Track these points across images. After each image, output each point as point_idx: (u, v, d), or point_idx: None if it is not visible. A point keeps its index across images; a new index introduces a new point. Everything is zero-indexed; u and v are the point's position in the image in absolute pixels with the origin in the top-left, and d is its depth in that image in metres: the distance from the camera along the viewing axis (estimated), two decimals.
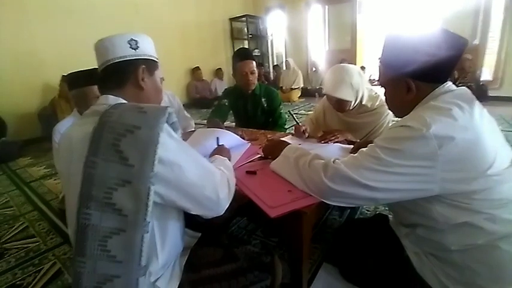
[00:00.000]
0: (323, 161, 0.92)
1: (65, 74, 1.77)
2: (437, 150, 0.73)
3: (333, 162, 0.88)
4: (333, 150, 1.38)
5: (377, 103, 1.63)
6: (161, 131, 0.68)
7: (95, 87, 1.66)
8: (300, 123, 1.66)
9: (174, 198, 0.73)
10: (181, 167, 0.72)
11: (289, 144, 1.17)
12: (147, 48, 0.89)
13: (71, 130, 0.80)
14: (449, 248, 0.81)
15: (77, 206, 0.66)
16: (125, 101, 0.82)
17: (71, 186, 0.72)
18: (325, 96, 1.84)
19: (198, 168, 0.78)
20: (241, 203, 0.99)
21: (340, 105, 1.59)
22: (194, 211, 0.78)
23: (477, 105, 0.81)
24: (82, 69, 1.73)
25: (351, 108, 1.60)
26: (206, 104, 6.36)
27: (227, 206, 0.84)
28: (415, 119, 0.79)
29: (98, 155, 0.66)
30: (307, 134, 1.62)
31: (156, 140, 0.66)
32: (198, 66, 6.90)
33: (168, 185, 0.71)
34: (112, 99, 0.80)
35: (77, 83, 1.71)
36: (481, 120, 0.79)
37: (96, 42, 0.84)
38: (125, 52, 0.83)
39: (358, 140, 1.55)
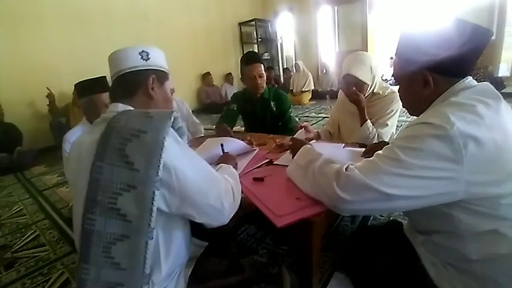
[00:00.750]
0: (335, 166, 0.85)
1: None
2: (462, 150, 0.67)
3: (346, 168, 0.81)
4: (343, 154, 1.33)
5: (388, 90, 1.70)
6: (167, 135, 0.68)
7: (103, 95, 1.68)
8: (298, 123, 1.72)
9: (177, 205, 0.72)
10: (185, 174, 0.71)
11: (306, 145, 1.11)
12: (158, 59, 0.92)
13: (81, 139, 0.82)
14: (469, 258, 0.75)
15: (82, 211, 0.67)
16: (133, 109, 0.82)
17: (78, 193, 0.72)
18: (337, 100, 1.89)
19: (203, 175, 0.77)
20: (248, 211, 0.97)
21: (358, 88, 1.61)
22: (198, 219, 0.77)
23: (503, 101, 0.75)
24: (91, 78, 1.75)
25: (365, 95, 1.64)
26: (216, 109, 6.34)
27: (232, 215, 0.82)
28: (436, 116, 0.72)
29: (104, 160, 0.67)
30: (311, 134, 1.66)
31: (161, 144, 0.66)
32: (208, 72, 6.94)
33: (172, 191, 0.70)
34: (121, 107, 0.81)
35: (86, 91, 1.75)
36: (508, 117, 0.73)
37: (110, 54, 0.88)
38: (136, 63, 0.87)
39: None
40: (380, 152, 0.80)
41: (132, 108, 0.82)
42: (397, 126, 1.82)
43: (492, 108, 0.71)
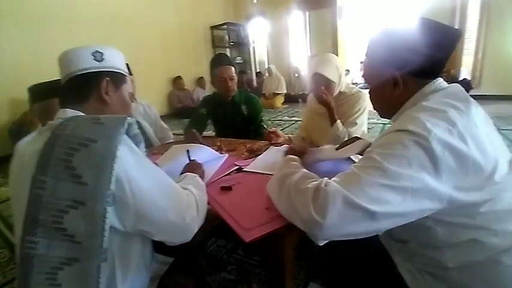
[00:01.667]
0: (314, 182, 0.72)
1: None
2: (442, 159, 0.63)
3: (325, 184, 0.69)
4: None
5: (354, 90, 1.76)
6: (119, 143, 0.61)
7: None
8: (268, 129, 1.72)
9: (132, 222, 0.64)
10: (140, 187, 0.63)
11: (290, 155, 1.00)
12: (114, 60, 0.85)
13: (23, 148, 0.71)
14: (446, 266, 0.72)
15: (20, 233, 0.57)
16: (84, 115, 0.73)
17: (18, 212, 0.62)
18: (307, 103, 1.92)
19: (161, 188, 0.69)
20: (215, 224, 0.89)
21: (326, 87, 1.64)
22: (157, 237, 0.70)
23: (473, 104, 0.73)
24: (45, 81, 1.61)
25: (333, 94, 1.68)
26: (188, 114, 6.17)
27: (195, 231, 0.75)
28: (411, 122, 0.68)
29: (47, 173, 0.58)
30: (281, 138, 1.65)
31: (113, 153, 0.60)
32: (179, 76, 6.81)
33: (126, 206, 0.62)
34: (70, 113, 0.73)
35: (40, 95, 1.58)
36: (479, 121, 0.71)
37: (60, 54, 0.81)
38: (88, 64, 0.79)
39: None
40: (358, 163, 0.73)
41: (82, 114, 0.74)
42: (368, 128, 1.83)
43: (463, 113, 0.69)
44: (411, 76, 0.79)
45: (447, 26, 0.77)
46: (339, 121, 1.64)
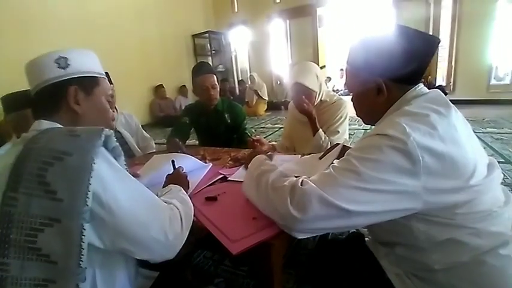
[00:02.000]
0: (291, 180, 0.78)
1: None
2: (420, 162, 0.65)
3: (301, 182, 0.74)
4: (302, 163, 1.28)
5: (335, 98, 1.77)
6: (96, 156, 0.58)
7: None
8: (252, 137, 1.71)
9: (112, 239, 0.61)
10: (119, 202, 0.60)
11: (260, 155, 1.03)
12: (81, 64, 0.78)
13: None
14: (432, 268, 0.73)
15: None
16: (60, 126, 0.70)
17: None
18: (288, 112, 1.93)
19: (142, 203, 0.66)
20: (200, 236, 0.86)
21: (306, 96, 1.63)
22: (138, 255, 0.66)
23: (453, 108, 0.75)
24: (21, 90, 1.53)
25: (314, 103, 1.69)
26: (170, 123, 6.10)
27: (179, 248, 0.71)
28: (391, 127, 0.70)
29: (18, 189, 0.54)
30: (265, 146, 1.65)
31: (89, 167, 0.56)
32: (161, 84, 6.72)
33: (104, 223, 0.59)
34: (46, 124, 0.70)
35: (14, 105, 1.51)
36: (459, 125, 0.73)
37: (25, 65, 0.76)
38: (52, 73, 0.73)
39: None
40: (336, 164, 0.75)
41: (58, 126, 0.70)
42: (349, 134, 1.85)
43: (444, 117, 0.71)
44: (394, 82, 0.81)
45: (426, 33, 0.80)
46: (321, 130, 1.64)
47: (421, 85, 0.81)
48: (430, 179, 0.66)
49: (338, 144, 1.24)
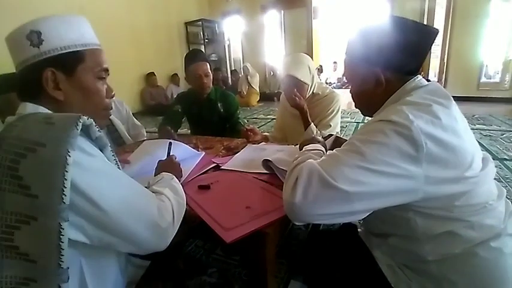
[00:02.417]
0: (301, 164, 0.74)
1: None
2: (423, 149, 0.65)
3: (306, 164, 0.72)
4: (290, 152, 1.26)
5: (327, 91, 1.74)
6: (72, 148, 0.51)
7: None
8: (245, 126, 1.67)
9: (98, 235, 0.56)
10: (103, 195, 0.56)
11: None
12: (58, 38, 0.64)
13: None
14: (425, 259, 0.74)
15: None
16: (47, 111, 0.64)
17: None
18: (280, 104, 1.91)
19: (128, 195, 0.61)
20: (193, 225, 0.85)
21: (299, 90, 1.61)
22: (128, 250, 0.63)
23: (453, 101, 0.75)
24: (3, 73, 1.47)
25: (306, 96, 1.66)
26: (162, 112, 6.03)
27: (171, 239, 0.68)
28: (394, 114, 0.69)
29: None
30: (258, 136, 1.63)
31: (63, 160, 0.50)
32: (152, 72, 6.58)
33: (89, 218, 0.55)
34: (30, 108, 0.63)
35: (0, 88, 1.45)
36: (458, 117, 0.74)
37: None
38: (25, 53, 0.63)
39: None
40: (339, 148, 0.75)
41: (43, 110, 0.64)
42: (341, 127, 1.85)
43: (446, 109, 0.71)
44: (392, 73, 0.81)
45: (424, 24, 0.80)
46: (312, 124, 1.63)
47: (420, 76, 0.81)
48: (431, 167, 0.66)
49: (331, 135, 1.24)
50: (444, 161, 0.67)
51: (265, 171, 1.09)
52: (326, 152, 0.92)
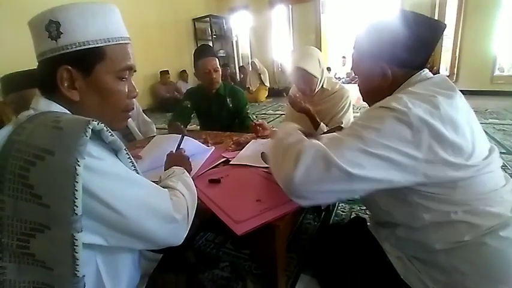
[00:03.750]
0: (303, 142, 0.76)
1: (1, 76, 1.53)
2: (421, 134, 0.67)
3: (309, 143, 0.74)
4: None
5: (337, 86, 1.72)
6: (81, 156, 0.48)
7: (36, 90, 1.44)
8: (254, 121, 1.66)
9: (116, 237, 0.57)
10: (118, 198, 0.55)
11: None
12: (77, 31, 0.58)
13: None
14: (433, 248, 0.74)
15: None
16: (61, 109, 0.60)
17: None
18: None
19: (143, 195, 0.60)
20: (204, 219, 0.86)
21: (308, 83, 1.62)
22: (143, 247, 0.64)
23: (458, 93, 0.76)
24: (20, 70, 1.51)
25: (315, 91, 1.67)
26: (172, 107, 6.10)
27: (185, 235, 0.68)
28: (394, 101, 0.72)
29: (3, 191, 0.49)
30: (267, 131, 1.61)
31: (72, 170, 0.47)
32: (167, 70, 6.61)
33: (104, 222, 0.54)
34: (43, 105, 0.59)
35: (14, 85, 1.48)
36: (460, 108, 0.74)
37: None
38: (43, 46, 0.58)
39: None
40: (341, 131, 0.78)
41: (56, 108, 0.60)
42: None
43: (447, 99, 0.72)
44: (399, 67, 0.82)
45: (432, 18, 0.81)
46: (322, 124, 1.62)
47: (426, 70, 0.83)
48: (430, 151, 0.68)
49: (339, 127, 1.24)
50: (442, 148, 0.69)
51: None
52: None
